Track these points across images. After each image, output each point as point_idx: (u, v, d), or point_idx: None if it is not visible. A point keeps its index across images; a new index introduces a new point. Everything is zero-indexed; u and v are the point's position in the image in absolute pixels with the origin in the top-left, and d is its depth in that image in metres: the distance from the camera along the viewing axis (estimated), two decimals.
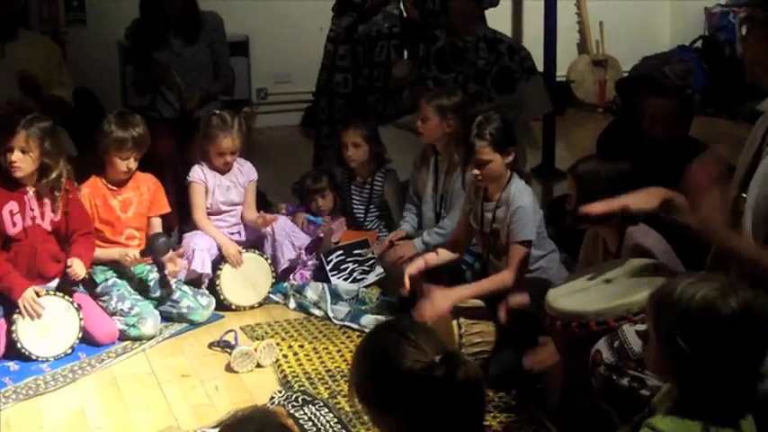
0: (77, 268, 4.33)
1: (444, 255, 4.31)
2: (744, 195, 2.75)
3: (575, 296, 3.08)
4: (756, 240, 2.67)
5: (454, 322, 3.90)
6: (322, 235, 5.22)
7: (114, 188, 4.70)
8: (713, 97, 8.68)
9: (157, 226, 4.81)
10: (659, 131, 4.56)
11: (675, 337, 2.09)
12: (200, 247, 4.81)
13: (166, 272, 4.64)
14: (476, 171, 4.02)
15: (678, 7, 9.63)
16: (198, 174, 4.98)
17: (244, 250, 4.90)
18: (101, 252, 4.58)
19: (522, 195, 4.02)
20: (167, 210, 4.87)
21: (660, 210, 3.01)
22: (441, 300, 3.93)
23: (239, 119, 4.99)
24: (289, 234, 5.02)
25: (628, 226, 3.49)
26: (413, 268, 4.20)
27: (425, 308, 3.93)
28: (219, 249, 4.89)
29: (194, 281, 4.82)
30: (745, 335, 2.08)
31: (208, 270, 4.81)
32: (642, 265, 3.20)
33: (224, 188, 5.02)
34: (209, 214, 5.01)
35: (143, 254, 4.59)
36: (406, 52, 6.75)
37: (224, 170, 5.01)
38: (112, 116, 4.68)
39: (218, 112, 5.04)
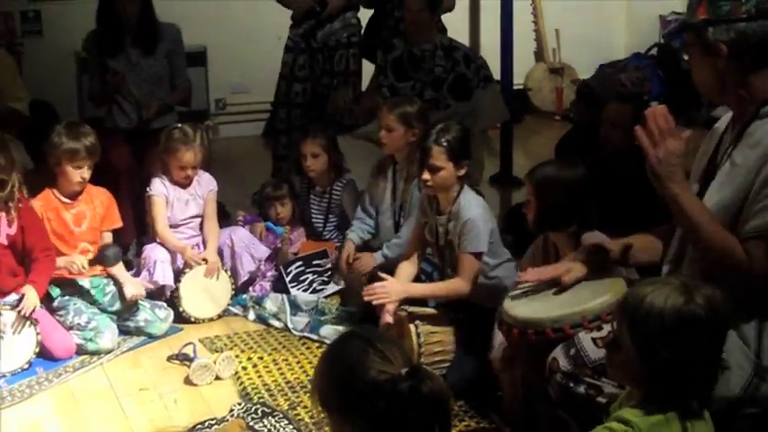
0: (30, 299, 4.26)
1: (407, 273, 4.29)
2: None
3: (531, 304, 3.09)
4: None
5: (412, 329, 3.90)
6: (280, 245, 5.20)
7: (68, 201, 4.66)
8: (669, 104, 8.66)
9: (107, 240, 4.78)
10: (618, 138, 4.60)
11: (655, 346, 2.16)
12: (161, 259, 4.79)
13: (128, 296, 4.59)
14: (426, 176, 4.04)
15: (633, 15, 9.71)
16: (159, 188, 4.94)
17: (203, 262, 4.88)
18: None
19: (470, 207, 4.05)
20: (119, 224, 4.84)
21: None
22: (395, 287, 4.00)
23: (201, 132, 4.96)
24: (248, 246, 4.99)
25: (584, 232, 3.53)
26: (388, 316, 4.05)
27: (376, 289, 3.98)
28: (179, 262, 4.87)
29: (156, 292, 4.79)
30: (713, 330, 2.19)
31: (170, 281, 4.79)
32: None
33: (183, 202, 4.98)
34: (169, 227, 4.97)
35: (92, 263, 4.56)
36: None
37: (184, 184, 4.98)
38: (62, 128, 4.64)
39: (179, 125, 4.99)
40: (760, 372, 2.62)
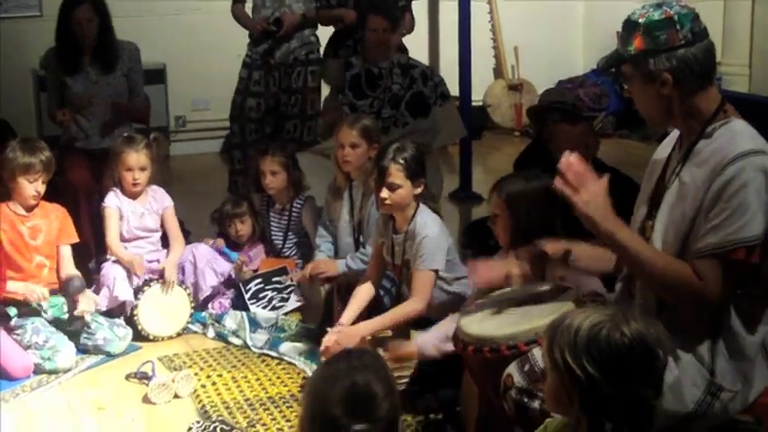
0: None
1: (364, 298, 4.28)
2: (650, 222, 2.82)
3: (486, 321, 3.12)
4: None
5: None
6: (232, 274, 5.17)
7: (23, 214, 4.64)
8: (626, 119, 8.86)
9: (68, 256, 4.74)
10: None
11: (568, 363, 2.13)
12: (120, 275, 4.78)
13: (77, 312, 4.57)
14: (384, 194, 4.07)
15: (590, 32, 9.81)
16: (112, 200, 4.96)
17: (156, 277, 4.88)
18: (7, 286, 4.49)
19: (427, 226, 4.07)
20: (76, 239, 4.80)
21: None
22: (347, 338, 3.96)
23: (148, 139, 5.02)
24: (210, 261, 5.01)
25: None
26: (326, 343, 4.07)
27: (331, 342, 3.95)
28: (137, 278, 4.86)
29: (116, 309, 4.78)
30: (632, 362, 2.12)
31: (130, 297, 4.78)
32: (554, 289, 3.25)
33: (138, 215, 5.00)
34: (126, 241, 4.98)
35: (53, 293, 4.55)
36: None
37: (135, 193, 4.98)
38: (16, 143, 4.65)
39: (126, 134, 5.07)
40: (713, 389, 2.67)
